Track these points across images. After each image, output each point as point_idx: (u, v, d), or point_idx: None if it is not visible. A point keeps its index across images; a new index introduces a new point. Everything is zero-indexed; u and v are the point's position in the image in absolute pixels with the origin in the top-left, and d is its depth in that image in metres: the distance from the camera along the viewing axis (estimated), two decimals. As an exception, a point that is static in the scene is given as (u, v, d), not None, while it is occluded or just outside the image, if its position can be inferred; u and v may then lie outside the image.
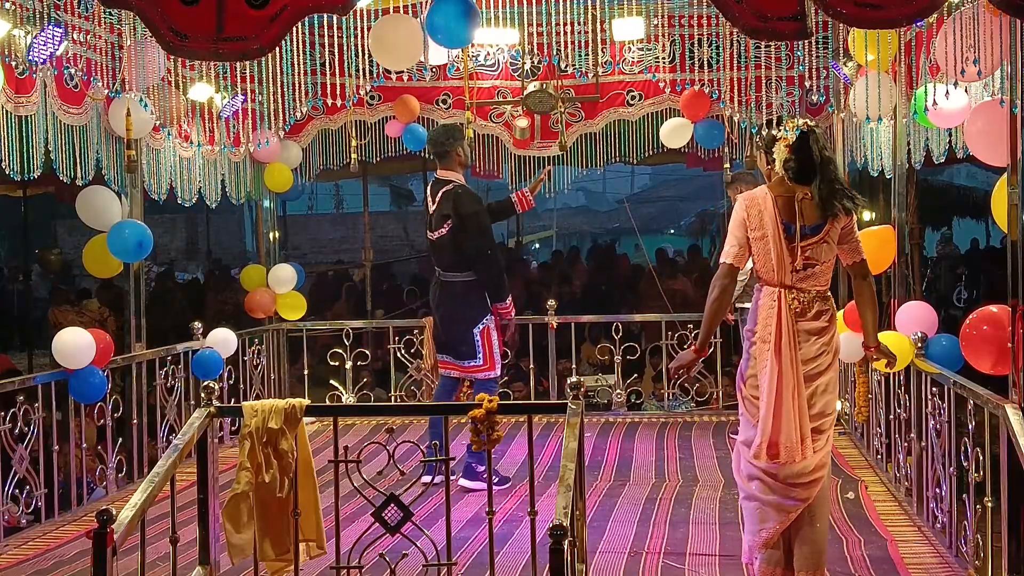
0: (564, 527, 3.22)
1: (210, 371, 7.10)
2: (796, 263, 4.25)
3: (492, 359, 6.39)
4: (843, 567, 4.78)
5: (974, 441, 4.68)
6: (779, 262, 4.25)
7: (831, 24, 7.18)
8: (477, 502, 5.82)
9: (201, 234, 23.10)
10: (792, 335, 4.22)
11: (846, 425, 7.71)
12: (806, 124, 4.29)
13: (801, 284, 4.27)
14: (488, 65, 8.44)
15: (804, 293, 4.27)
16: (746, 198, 4.37)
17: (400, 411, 8.02)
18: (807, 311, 4.26)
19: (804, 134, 4.23)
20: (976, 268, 15.88)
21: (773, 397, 4.20)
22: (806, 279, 4.27)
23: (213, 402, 4.29)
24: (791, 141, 4.23)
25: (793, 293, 4.26)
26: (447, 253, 6.39)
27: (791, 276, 4.26)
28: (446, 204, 6.33)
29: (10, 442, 5.63)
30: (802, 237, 4.25)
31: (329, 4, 3.78)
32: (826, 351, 4.28)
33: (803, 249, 4.25)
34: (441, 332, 6.53)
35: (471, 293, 6.38)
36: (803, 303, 4.27)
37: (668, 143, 8.43)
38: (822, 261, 4.28)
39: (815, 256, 4.26)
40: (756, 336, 4.32)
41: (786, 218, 4.26)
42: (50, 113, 5.75)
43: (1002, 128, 4.51)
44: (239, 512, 4.14)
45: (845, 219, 4.28)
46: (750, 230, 4.30)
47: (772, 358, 4.21)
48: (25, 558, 5.30)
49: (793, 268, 4.25)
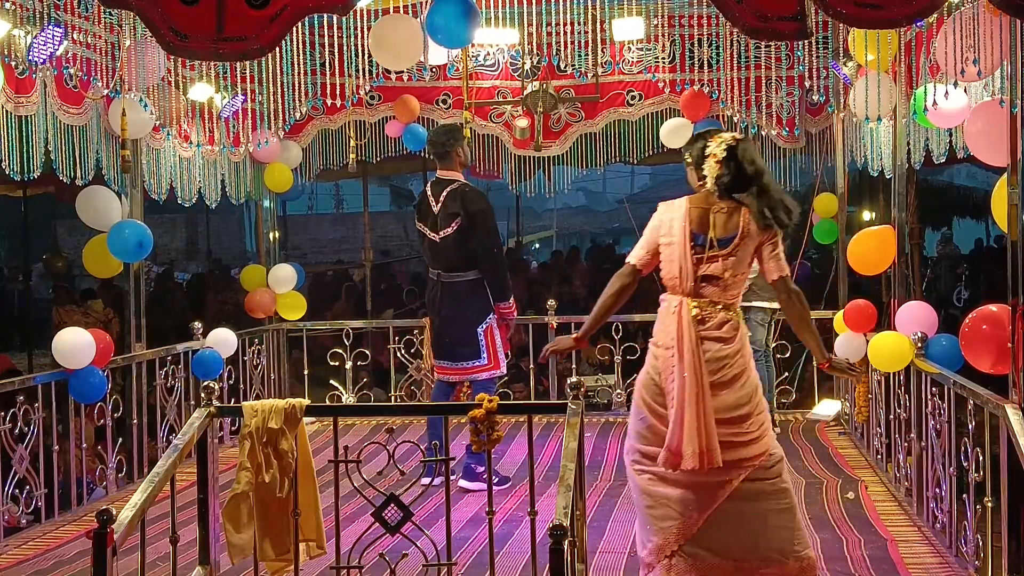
0: (564, 527, 3.22)
1: (210, 371, 7.09)
2: (700, 273, 4.23)
3: (496, 358, 6.38)
4: (843, 567, 4.78)
5: (974, 441, 4.68)
6: (682, 271, 4.24)
7: (831, 24, 7.19)
8: (477, 502, 5.82)
9: (201, 234, 23.10)
10: (694, 342, 4.19)
11: (846, 425, 7.71)
12: (734, 138, 4.30)
13: (704, 294, 4.25)
14: (488, 65, 8.44)
15: (707, 303, 4.25)
16: (665, 205, 4.38)
17: (400, 411, 8.02)
18: (708, 320, 4.24)
19: (732, 148, 4.24)
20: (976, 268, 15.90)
21: (679, 404, 4.16)
22: (711, 290, 4.25)
23: (213, 402, 4.29)
24: (720, 157, 4.24)
25: (695, 302, 4.24)
26: (452, 253, 6.35)
27: (694, 286, 4.24)
28: (453, 203, 6.31)
29: (10, 442, 5.63)
30: (710, 248, 4.24)
31: (329, 4, 3.79)
32: (729, 363, 4.23)
33: (710, 260, 4.23)
34: (442, 335, 6.50)
35: (475, 293, 6.34)
36: (705, 312, 4.24)
37: (668, 143, 8.42)
38: (731, 275, 4.25)
39: (723, 268, 4.24)
40: (659, 344, 4.31)
41: (697, 229, 4.25)
42: (50, 113, 5.75)
43: (1002, 128, 4.51)
44: (239, 512, 4.14)
45: (765, 235, 4.23)
46: (662, 236, 4.30)
47: (676, 365, 4.19)
48: (25, 558, 5.30)
49: (696, 278, 4.24)
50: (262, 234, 9.07)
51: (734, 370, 4.24)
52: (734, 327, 4.27)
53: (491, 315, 6.37)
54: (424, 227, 6.48)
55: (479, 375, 6.42)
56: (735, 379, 4.24)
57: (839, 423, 7.88)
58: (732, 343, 4.26)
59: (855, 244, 6.61)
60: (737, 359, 4.25)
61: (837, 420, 7.94)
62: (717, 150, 4.25)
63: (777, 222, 4.20)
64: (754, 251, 4.26)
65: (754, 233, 4.21)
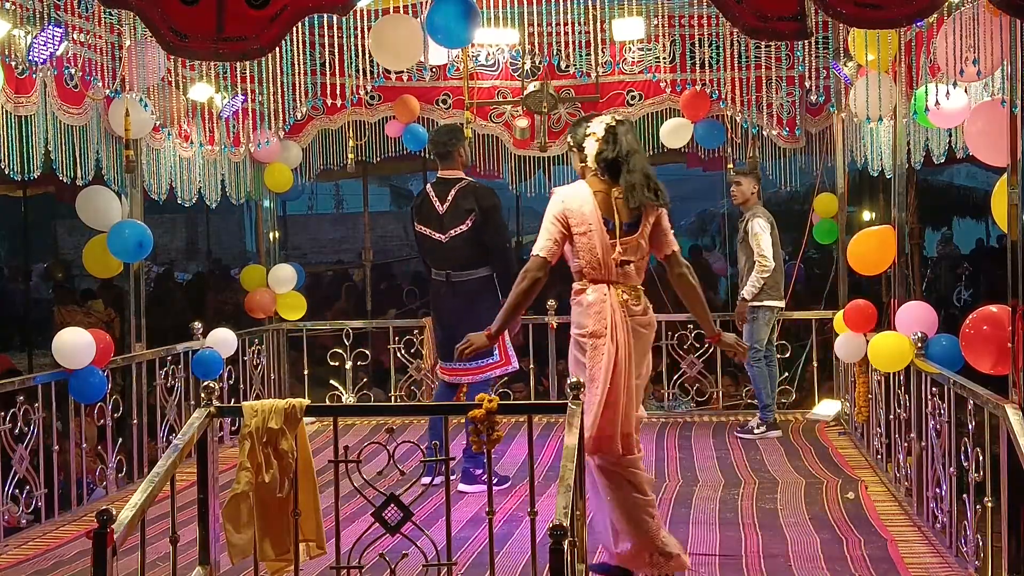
0: (564, 527, 3.21)
1: (210, 371, 7.10)
2: (617, 258, 4.31)
3: (507, 354, 6.35)
4: (843, 567, 4.78)
5: (974, 441, 4.68)
6: (605, 257, 4.30)
7: (831, 24, 7.19)
8: (477, 502, 5.82)
9: (201, 234, 23.09)
10: (627, 329, 4.29)
11: (846, 425, 7.71)
12: (613, 119, 4.41)
13: (624, 279, 4.33)
14: (488, 65, 8.45)
15: (629, 288, 4.35)
16: (565, 193, 4.41)
17: (400, 411, 8.02)
18: (634, 305, 4.33)
19: (612, 127, 4.35)
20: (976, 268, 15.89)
21: (606, 389, 4.23)
22: (627, 275, 4.34)
23: (213, 402, 4.29)
24: (599, 135, 4.35)
25: (620, 287, 4.32)
26: (462, 251, 6.27)
27: (616, 271, 4.31)
28: (465, 200, 6.25)
29: (10, 442, 5.63)
30: (622, 233, 4.32)
31: (329, 4, 3.79)
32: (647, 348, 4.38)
33: (623, 245, 4.31)
34: (453, 337, 6.39)
35: (486, 290, 6.26)
36: (630, 297, 4.33)
37: (668, 143, 8.43)
38: (640, 257, 4.37)
39: (633, 252, 4.34)
40: (589, 332, 4.35)
41: (606, 214, 4.32)
42: (50, 113, 5.75)
43: (1002, 128, 4.51)
44: (239, 512, 4.14)
45: (656, 211, 4.36)
46: (573, 226, 4.34)
47: (608, 351, 4.25)
48: (25, 558, 5.30)
49: (616, 263, 4.30)
50: (262, 234, 9.07)
51: (648, 356, 4.41)
52: (649, 310, 4.41)
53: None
54: (426, 228, 6.39)
55: (492, 372, 6.37)
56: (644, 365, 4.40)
57: (839, 423, 7.88)
58: (652, 328, 4.42)
59: (855, 244, 6.61)
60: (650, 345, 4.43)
61: (837, 420, 7.94)
62: (597, 128, 4.37)
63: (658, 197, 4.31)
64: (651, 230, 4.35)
65: (652, 209, 4.31)
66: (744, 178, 7.71)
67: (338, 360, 8.69)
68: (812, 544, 5.12)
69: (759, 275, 7.44)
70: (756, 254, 7.46)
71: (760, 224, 7.50)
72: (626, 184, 4.30)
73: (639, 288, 4.40)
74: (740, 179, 7.72)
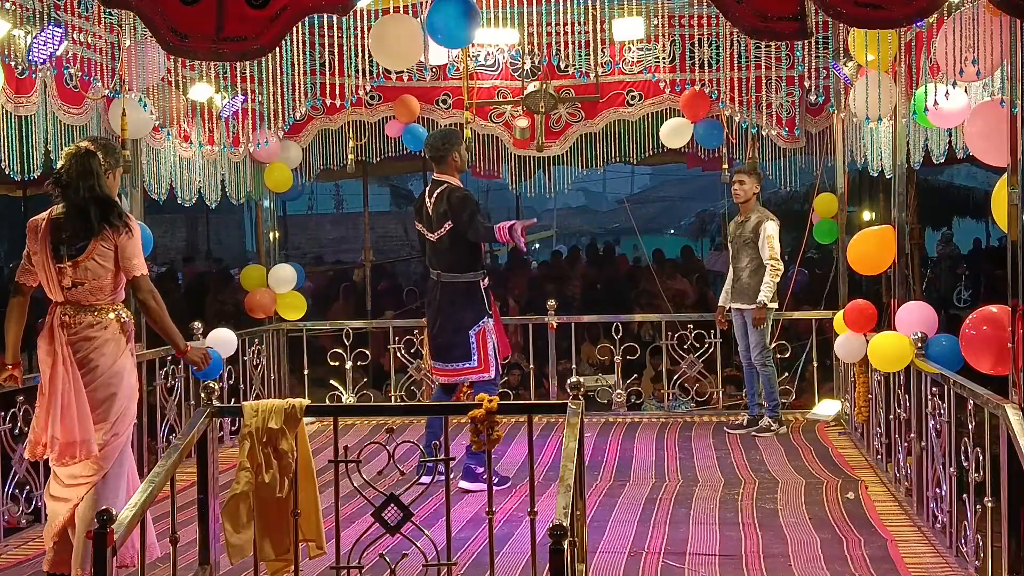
0: (564, 527, 3.21)
1: (210, 371, 7.08)
2: (65, 281, 4.55)
3: (487, 361, 6.35)
4: (843, 567, 4.79)
5: (974, 441, 4.68)
6: (47, 280, 4.59)
7: (831, 24, 7.19)
8: (477, 502, 5.82)
9: (201, 234, 23.09)
10: (64, 345, 4.55)
11: (846, 425, 7.71)
12: (85, 147, 4.60)
13: (73, 299, 4.58)
14: (488, 65, 8.44)
15: (76, 308, 4.58)
16: (31, 222, 4.67)
17: (400, 411, 8.02)
18: (77, 325, 4.57)
19: (75, 156, 4.55)
20: (976, 268, 15.89)
21: (55, 399, 4.52)
22: (78, 296, 4.57)
23: (213, 402, 4.29)
24: (63, 166, 4.58)
25: (64, 308, 4.58)
26: (450, 252, 6.37)
27: (62, 293, 4.56)
28: (440, 203, 6.35)
29: (10, 442, 5.63)
30: (70, 257, 4.54)
31: (329, 4, 3.78)
32: (97, 362, 4.58)
33: (72, 268, 4.54)
34: (437, 336, 6.48)
35: (471, 294, 6.36)
36: (73, 317, 4.57)
37: (668, 143, 8.43)
38: (92, 279, 4.57)
39: (84, 274, 4.55)
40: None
41: (54, 239, 4.56)
42: (50, 113, 5.74)
43: (1002, 128, 4.51)
44: (239, 512, 4.14)
45: (118, 238, 4.55)
46: (32, 252, 4.61)
47: (49, 366, 4.59)
48: (25, 558, 5.30)
49: (62, 286, 4.55)
50: (262, 234, 9.07)
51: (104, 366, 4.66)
52: (106, 328, 4.66)
53: (486, 318, 6.36)
54: (422, 227, 6.53)
55: (468, 377, 6.42)
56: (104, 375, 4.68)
57: (839, 423, 7.88)
58: (97, 342, 4.66)
59: (855, 244, 6.61)
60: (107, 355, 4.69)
61: (837, 420, 7.94)
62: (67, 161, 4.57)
63: (108, 228, 4.52)
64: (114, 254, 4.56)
65: (111, 235, 4.53)
66: (747, 177, 7.71)
67: (338, 360, 8.69)
68: (812, 544, 5.12)
69: (773, 279, 7.46)
70: (769, 257, 7.46)
71: (772, 227, 7.52)
72: (77, 211, 4.54)
73: (92, 307, 4.60)
74: (743, 177, 7.72)
